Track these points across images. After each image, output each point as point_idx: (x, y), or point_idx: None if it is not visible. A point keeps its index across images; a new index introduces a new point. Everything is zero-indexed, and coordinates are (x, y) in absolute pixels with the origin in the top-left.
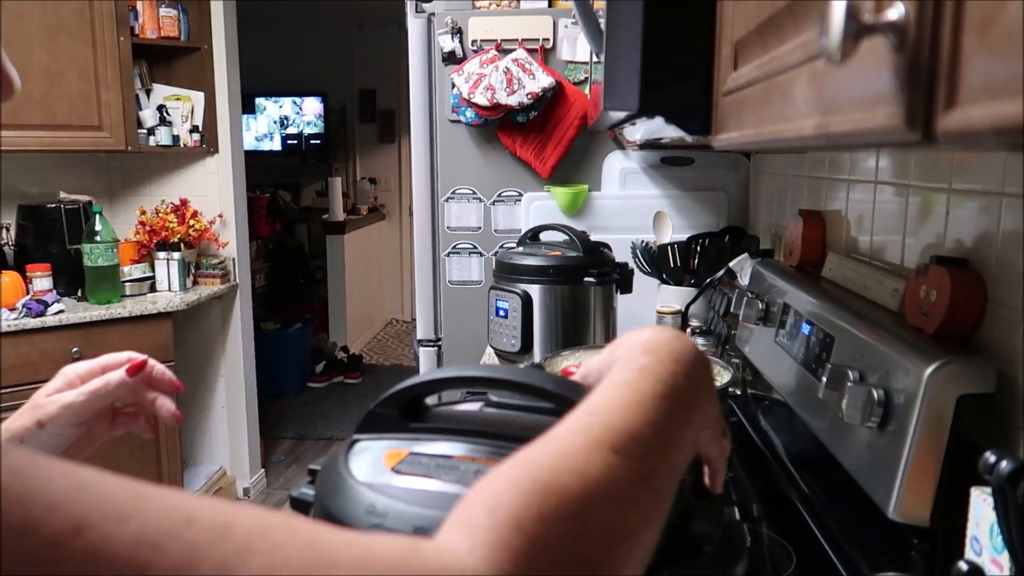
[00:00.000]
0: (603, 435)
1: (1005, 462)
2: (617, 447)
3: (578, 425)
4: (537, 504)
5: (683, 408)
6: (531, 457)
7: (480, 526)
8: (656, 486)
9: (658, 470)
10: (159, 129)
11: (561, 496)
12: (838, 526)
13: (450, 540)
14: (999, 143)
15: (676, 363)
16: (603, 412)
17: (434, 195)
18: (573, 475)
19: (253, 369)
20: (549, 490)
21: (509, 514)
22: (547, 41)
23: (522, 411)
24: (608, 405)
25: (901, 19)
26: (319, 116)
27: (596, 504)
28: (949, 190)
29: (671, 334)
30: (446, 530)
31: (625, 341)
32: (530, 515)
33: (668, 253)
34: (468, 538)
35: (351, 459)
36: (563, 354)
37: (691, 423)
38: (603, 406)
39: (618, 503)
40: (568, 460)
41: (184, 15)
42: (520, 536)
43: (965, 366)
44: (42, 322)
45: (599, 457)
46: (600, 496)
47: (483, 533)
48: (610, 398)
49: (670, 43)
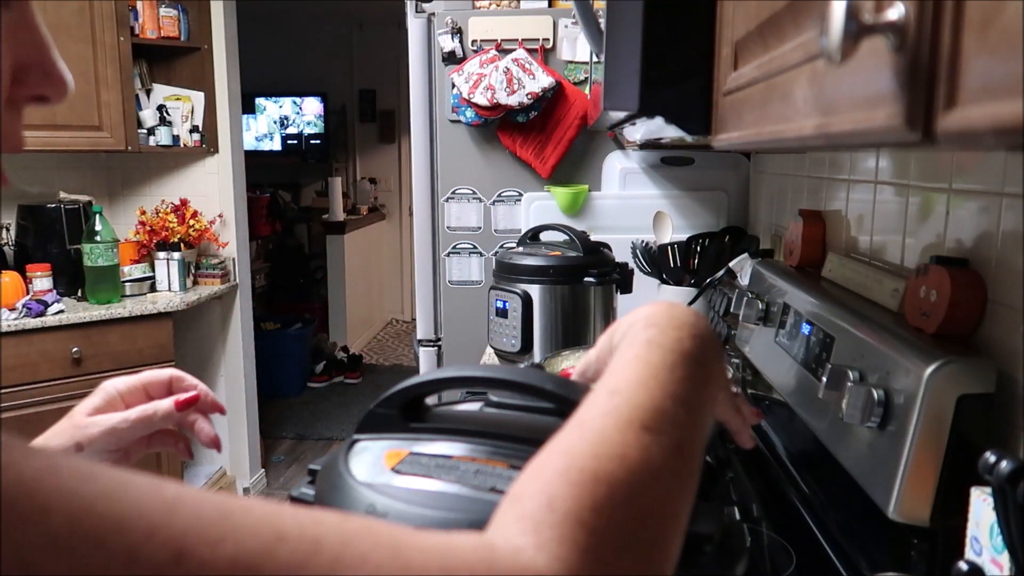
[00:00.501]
0: (631, 414)
1: (1005, 462)
2: (647, 425)
3: (604, 407)
4: (590, 495)
5: (695, 372)
6: (570, 445)
7: (543, 522)
8: (688, 455)
9: (687, 439)
10: (159, 129)
11: (610, 483)
12: (838, 526)
13: (516, 537)
14: (999, 143)
15: (678, 329)
16: (624, 391)
17: (434, 195)
18: (615, 460)
19: (253, 369)
20: (598, 478)
21: (567, 509)
22: (547, 41)
23: (522, 411)
24: (627, 383)
25: (901, 19)
26: (319, 116)
27: (642, 486)
28: (949, 190)
29: (667, 304)
30: (508, 526)
31: (625, 321)
32: (586, 507)
33: (668, 253)
34: (535, 535)
35: (351, 459)
36: (563, 354)
37: (705, 384)
38: (622, 384)
39: (660, 480)
40: (606, 445)
41: (184, 15)
42: (582, 530)
43: (965, 366)
44: (42, 322)
45: (633, 438)
46: (644, 477)
47: (548, 530)
48: (627, 376)
49: (670, 43)
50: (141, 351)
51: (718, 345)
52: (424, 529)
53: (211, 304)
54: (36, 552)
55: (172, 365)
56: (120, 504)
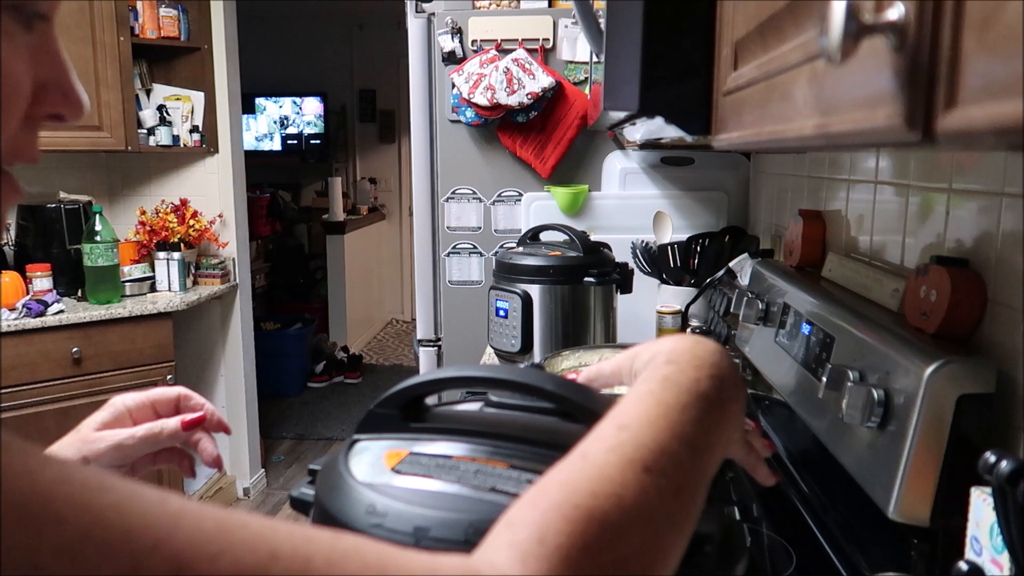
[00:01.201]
0: (634, 454)
1: (1005, 462)
2: (649, 466)
3: (610, 442)
4: (581, 533)
5: (709, 414)
6: (569, 478)
7: (532, 554)
8: (687, 498)
9: (688, 482)
10: (159, 129)
11: (602, 523)
12: (838, 526)
13: (503, 565)
14: (999, 143)
15: (698, 369)
16: (632, 427)
17: (434, 195)
18: (611, 499)
19: (253, 369)
20: (591, 517)
21: (558, 544)
22: (547, 41)
23: (522, 411)
24: (636, 420)
25: (901, 19)
26: (319, 116)
27: (634, 528)
28: (949, 190)
29: (692, 340)
30: (498, 551)
31: (648, 350)
32: (576, 545)
33: (668, 253)
34: (521, 566)
35: (351, 459)
36: (563, 354)
37: (719, 427)
38: (632, 420)
39: (653, 522)
40: (604, 483)
41: (184, 15)
42: (568, 567)
43: (965, 366)
44: (42, 322)
45: (633, 478)
46: (637, 519)
47: (535, 562)
48: (638, 412)
49: (670, 43)
50: (141, 351)
51: (738, 386)
52: (411, 550)
53: (211, 304)
54: (47, 558)
55: (172, 365)
56: (128, 516)
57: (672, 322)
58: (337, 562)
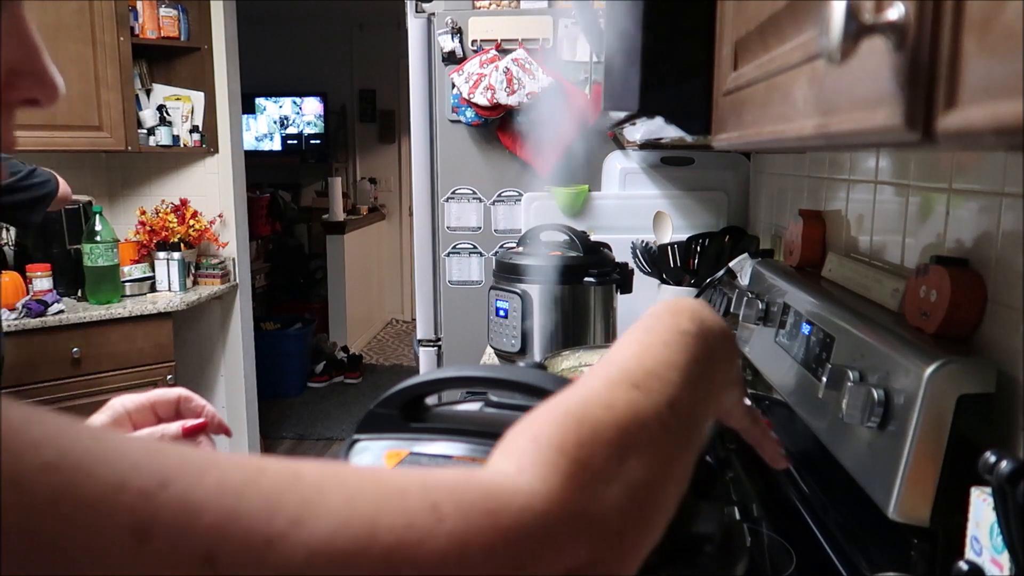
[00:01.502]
0: (621, 376)
1: (1005, 462)
2: (637, 383)
3: (597, 372)
4: (574, 431)
5: (693, 345)
6: (561, 398)
7: (525, 451)
8: (681, 413)
9: (680, 399)
10: (159, 129)
11: (594, 425)
12: (838, 526)
13: (499, 465)
14: (999, 143)
15: (676, 315)
16: (615, 361)
17: (434, 195)
18: (601, 408)
19: (253, 369)
20: (582, 420)
21: (551, 442)
22: (547, 41)
23: (522, 411)
24: (620, 355)
25: (901, 19)
26: (319, 116)
27: (628, 429)
28: (949, 190)
29: (675, 299)
30: (493, 460)
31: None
32: (569, 440)
33: (668, 253)
34: (516, 461)
35: (351, 459)
36: (563, 354)
37: (708, 360)
38: (614, 357)
39: (647, 428)
40: (593, 396)
41: (184, 15)
42: (564, 457)
43: (965, 366)
44: (42, 322)
45: (621, 392)
46: (630, 423)
47: (529, 456)
48: (620, 351)
49: (670, 43)
50: (141, 351)
51: (722, 328)
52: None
53: (211, 304)
54: (30, 480)
55: (172, 365)
56: (106, 443)
57: None
58: (326, 472)
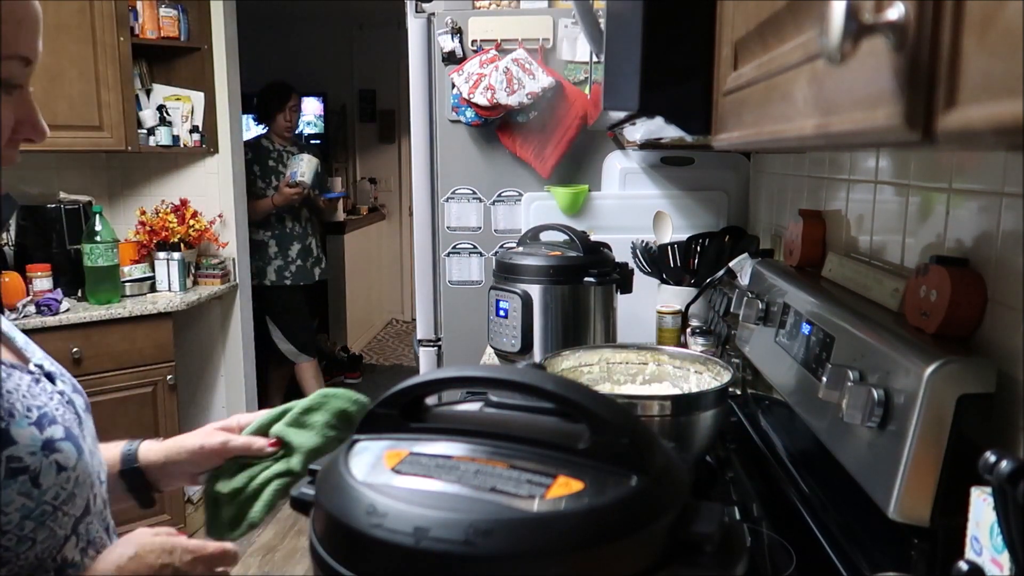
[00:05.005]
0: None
1: (1005, 462)
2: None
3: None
4: None
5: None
6: None
7: None
8: None
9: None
10: (159, 129)
11: None
12: (838, 526)
13: None
14: (999, 143)
15: None
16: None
17: (434, 195)
18: None
19: (253, 369)
20: None
21: None
22: (547, 41)
23: (522, 411)
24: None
25: (901, 19)
26: (319, 116)
27: None
28: (949, 190)
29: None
30: None
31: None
32: None
33: (668, 253)
34: None
35: (351, 459)
36: (563, 354)
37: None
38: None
39: None
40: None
41: (184, 15)
42: None
43: (965, 366)
44: (42, 322)
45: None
46: None
47: None
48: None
49: (670, 43)
50: (141, 351)
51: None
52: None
53: (211, 304)
54: None
55: (172, 365)
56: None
57: (672, 322)
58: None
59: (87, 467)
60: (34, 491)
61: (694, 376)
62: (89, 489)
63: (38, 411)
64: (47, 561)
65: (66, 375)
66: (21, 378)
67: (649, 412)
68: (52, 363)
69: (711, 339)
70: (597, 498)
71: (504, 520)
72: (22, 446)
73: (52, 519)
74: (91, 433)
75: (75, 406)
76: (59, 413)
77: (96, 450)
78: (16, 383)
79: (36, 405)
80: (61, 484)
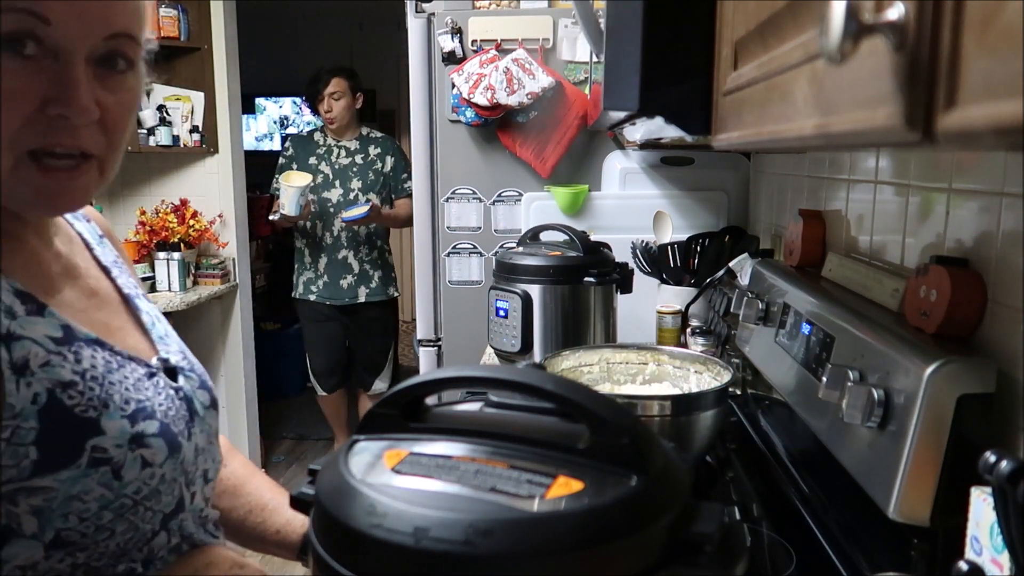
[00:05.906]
0: None
1: (1005, 462)
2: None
3: None
4: None
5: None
6: None
7: None
8: None
9: None
10: (159, 129)
11: None
12: (838, 526)
13: None
14: (999, 143)
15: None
16: None
17: (434, 195)
18: None
19: (253, 369)
20: None
21: None
22: (547, 41)
23: (522, 411)
24: None
25: (901, 19)
26: None
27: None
28: (949, 190)
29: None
30: None
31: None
32: None
33: (668, 253)
34: None
35: (351, 459)
36: (563, 354)
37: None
38: None
39: None
40: None
41: (184, 15)
42: None
43: (965, 366)
44: None
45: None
46: None
47: None
48: None
49: (670, 43)
50: None
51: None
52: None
53: (211, 304)
54: None
55: None
56: None
57: (672, 322)
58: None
59: (182, 465)
60: (114, 483)
61: (694, 376)
62: (184, 488)
63: (136, 404)
64: (132, 552)
65: (195, 371)
66: (133, 371)
67: (649, 412)
68: (186, 358)
69: (711, 339)
70: (597, 498)
71: (504, 520)
72: (109, 437)
73: (132, 513)
74: (208, 431)
75: (193, 404)
76: (162, 409)
77: (210, 447)
78: (125, 375)
79: (137, 399)
80: (144, 480)
